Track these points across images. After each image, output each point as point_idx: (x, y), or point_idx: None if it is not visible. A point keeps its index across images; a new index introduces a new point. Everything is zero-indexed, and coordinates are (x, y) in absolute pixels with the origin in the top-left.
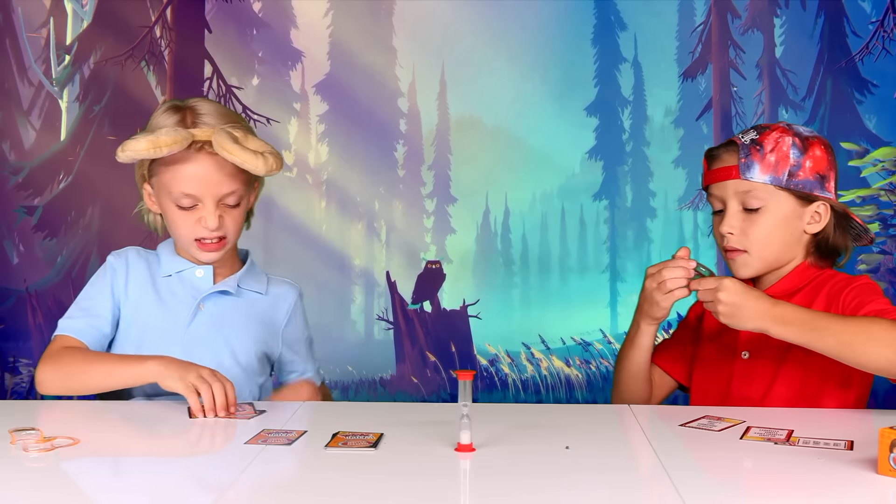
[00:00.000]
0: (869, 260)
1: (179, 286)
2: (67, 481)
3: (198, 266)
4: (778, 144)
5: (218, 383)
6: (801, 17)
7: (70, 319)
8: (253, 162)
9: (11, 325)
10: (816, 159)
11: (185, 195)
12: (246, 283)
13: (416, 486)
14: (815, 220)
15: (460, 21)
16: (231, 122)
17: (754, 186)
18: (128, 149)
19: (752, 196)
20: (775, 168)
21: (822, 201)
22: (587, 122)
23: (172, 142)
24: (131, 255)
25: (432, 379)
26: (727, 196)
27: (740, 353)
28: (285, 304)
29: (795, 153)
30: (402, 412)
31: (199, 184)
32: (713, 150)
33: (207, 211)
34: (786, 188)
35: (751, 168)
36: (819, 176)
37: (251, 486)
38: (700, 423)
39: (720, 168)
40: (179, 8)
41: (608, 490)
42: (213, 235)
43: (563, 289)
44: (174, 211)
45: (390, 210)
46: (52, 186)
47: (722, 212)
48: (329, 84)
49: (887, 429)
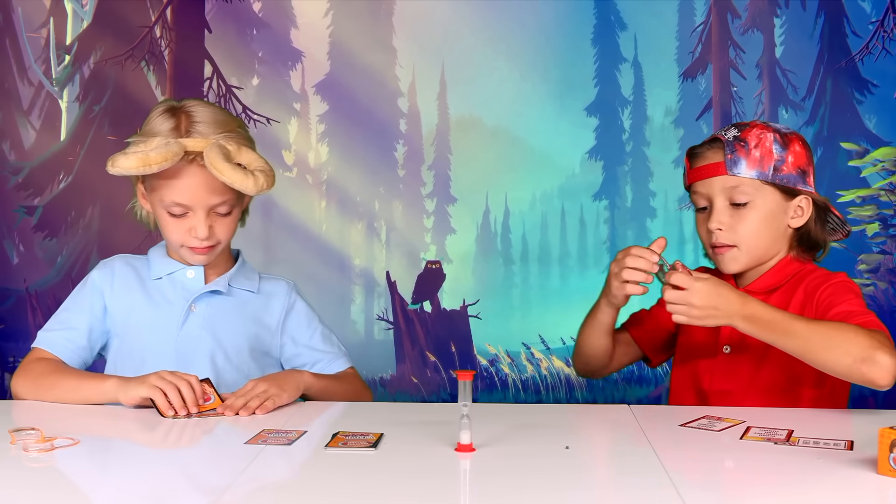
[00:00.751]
0: (869, 260)
1: (170, 288)
2: (67, 481)
3: (188, 267)
4: (761, 140)
5: (182, 381)
6: (801, 17)
7: (47, 332)
8: (242, 182)
9: (11, 325)
10: (797, 154)
11: (176, 204)
12: (237, 281)
13: (416, 487)
14: (799, 214)
15: (460, 21)
16: (227, 129)
17: (741, 182)
18: (117, 165)
19: (739, 191)
20: (761, 163)
21: (804, 195)
22: (587, 122)
23: (163, 159)
24: (117, 264)
25: (432, 379)
26: (714, 193)
27: (721, 348)
28: (279, 300)
29: (778, 148)
30: (402, 412)
31: (190, 195)
32: (696, 149)
33: (198, 221)
34: (771, 183)
35: (738, 164)
36: (800, 170)
37: (251, 485)
38: (700, 423)
39: (706, 165)
40: (179, 8)
41: (608, 490)
42: (202, 245)
43: (563, 289)
44: (165, 217)
45: (390, 210)
46: (52, 186)
47: (706, 209)
48: (329, 84)
49: (887, 429)
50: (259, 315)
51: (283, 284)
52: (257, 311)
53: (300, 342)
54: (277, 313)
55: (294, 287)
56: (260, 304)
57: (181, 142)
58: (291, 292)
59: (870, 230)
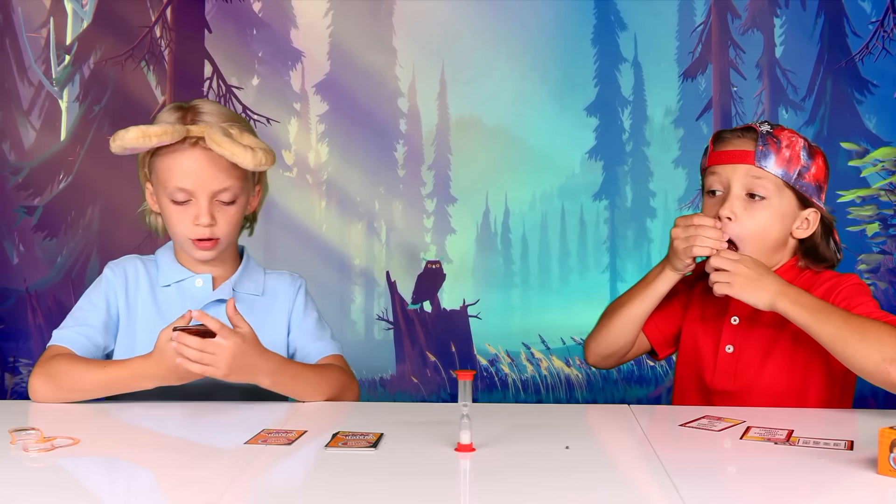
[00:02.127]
0: (869, 260)
1: (178, 297)
2: (67, 481)
3: (197, 275)
4: (792, 143)
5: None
6: (801, 17)
7: (62, 329)
8: (242, 155)
9: (11, 325)
10: (819, 168)
11: (179, 189)
12: (241, 285)
13: (416, 487)
14: (805, 227)
15: (460, 21)
16: (231, 121)
17: (766, 175)
18: (118, 138)
19: (760, 184)
20: (788, 164)
21: (814, 209)
22: (587, 122)
23: (162, 132)
24: (129, 265)
25: (432, 379)
26: (735, 179)
27: (724, 347)
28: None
29: (805, 156)
30: (402, 412)
31: (193, 178)
32: (726, 133)
33: (200, 206)
34: (792, 186)
35: (767, 157)
36: (818, 184)
37: (251, 485)
38: (700, 423)
39: (734, 150)
40: (179, 8)
41: (608, 490)
42: (205, 234)
43: (563, 289)
44: (170, 207)
45: (390, 210)
46: (52, 186)
47: (717, 195)
48: (329, 84)
49: (887, 429)
50: (265, 316)
51: (286, 279)
52: (263, 312)
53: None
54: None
55: (301, 284)
56: (266, 305)
57: (186, 126)
58: (294, 287)
59: (870, 230)
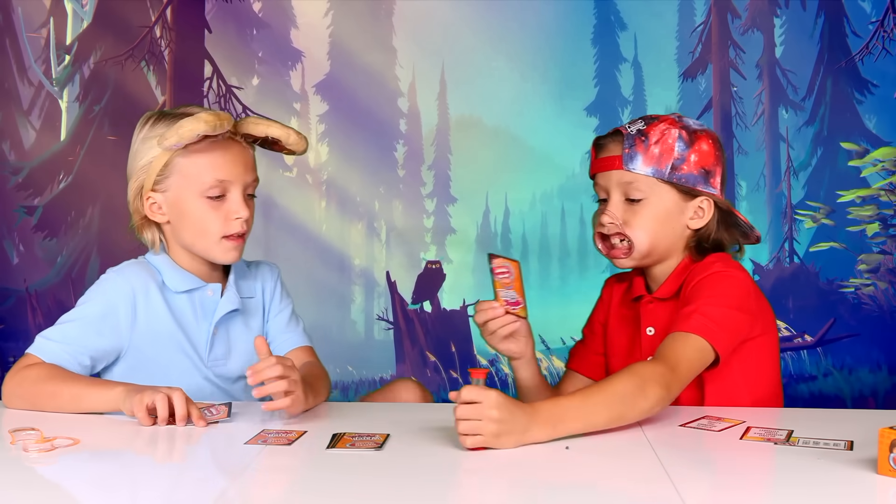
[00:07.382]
0: (869, 260)
1: (189, 306)
2: (67, 481)
3: (207, 285)
4: (663, 136)
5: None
6: (801, 17)
7: (48, 341)
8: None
9: (11, 325)
10: (702, 153)
11: (219, 182)
12: (241, 289)
13: (416, 486)
14: (699, 216)
15: (460, 21)
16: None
17: (636, 178)
18: (184, 127)
19: (633, 188)
20: (658, 160)
21: (705, 197)
22: (587, 122)
23: (228, 118)
24: (133, 277)
25: (432, 379)
26: (610, 186)
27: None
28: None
29: (681, 146)
30: (403, 412)
31: (230, 169)
32: (600, 140)
33: (236, 199)
34: (668, 181)
35: (633, 159)
36: (704, 171)
37: (251, 486)
38: (700, 423)
39: (604, 157)
40: (179, 8)
41: (608, 490)
42: (243, 228)
43: (563, 289)
44: (201, 206)
45: (390, 210)
46: (52, 186)
47: (605, 201)
48: (329, 84)
49: (887, 429)
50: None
51: (265, 269)
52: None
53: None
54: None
55: (278, 273)
56: (257, 305)
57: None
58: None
59: (870, 230)
